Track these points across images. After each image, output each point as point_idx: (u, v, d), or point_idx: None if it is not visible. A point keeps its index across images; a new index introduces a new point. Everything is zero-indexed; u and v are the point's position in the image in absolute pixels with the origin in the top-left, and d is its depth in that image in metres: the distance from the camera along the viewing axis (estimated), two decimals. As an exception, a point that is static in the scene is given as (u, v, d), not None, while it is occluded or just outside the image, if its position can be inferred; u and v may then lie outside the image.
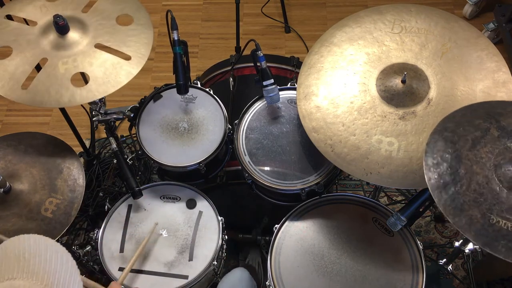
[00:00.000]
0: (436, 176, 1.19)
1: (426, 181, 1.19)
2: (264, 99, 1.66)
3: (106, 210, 1.65)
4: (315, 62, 1.55)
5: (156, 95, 1.74)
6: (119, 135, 1.79)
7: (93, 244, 1.63)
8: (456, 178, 1.18)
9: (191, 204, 1.65)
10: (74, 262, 0.86)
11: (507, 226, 1.12)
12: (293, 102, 1.69)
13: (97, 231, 1.61)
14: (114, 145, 1.64)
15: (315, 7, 2.97)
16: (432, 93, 1.43)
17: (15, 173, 1.57)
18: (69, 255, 0.85)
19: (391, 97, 1.44)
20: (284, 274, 1.46)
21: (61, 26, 1.49)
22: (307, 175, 1.57)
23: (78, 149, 2.21)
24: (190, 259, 1.55)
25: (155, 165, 1.70)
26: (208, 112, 1.70)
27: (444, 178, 1.18)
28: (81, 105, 2.10)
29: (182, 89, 1.57)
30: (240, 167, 1.61)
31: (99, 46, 1.52)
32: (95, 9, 1.59)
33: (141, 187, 1.58)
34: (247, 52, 1.66)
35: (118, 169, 1.86)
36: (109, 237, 1.60)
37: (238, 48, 2.37)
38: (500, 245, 1.12)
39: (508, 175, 1.16)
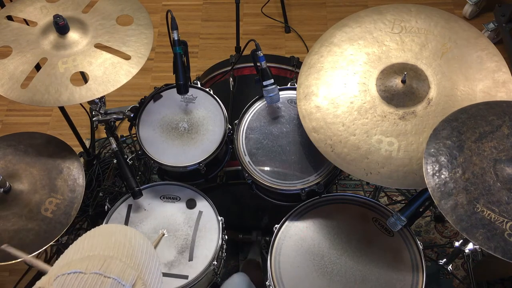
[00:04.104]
0: (433, 160, 1.21)
1: (423, 163, 1.22)
2: (264, 99, 1.66)
3: (106, 210, 1.65)
4: (315, 62, 1.55)
5: (156, 95, 1.74)
6: (119, 135, 1.79)
7: (93, 244, 1.62)
8: (452, 164, 1.21)
9: (191, 204, 1.65)
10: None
11: (491, 216, 1.14)
12: (293, 102, 1.69)
13: (97, 231, 1.60)
14: (114, 145, 1.64)
15: (315, 7, 2.97)
16: (432, 93, 1.43)
17: (15, 173, 1.57)
18: (160, 266, 0.90)
19: (391, 97, 1.44)
20: (284, 274, 1.46)
21: (61, 26, 1.49)
22: (307, 175, 1.57)
23: (78, 149, 2.21)
24: (190, 259, 1.55)
25: (155, 165, 1.70)
26: (208, 112, 1.70)
27: (440, 163, 1.21)
28: (81, 105, 2.12)
29: (182, 89, 1.57)
30: (240, 167, 1.61)
31: (99, 46, 1.52)
32: (95, 9, 1.60)
33: (141, 187, 1.58)
34: (247, 52, 1.66)
35: (118, 169, 1.85)
36: (109, 237, 1.60)
37: (238, 48, 2.37)
38: (478, 232, 1.13)
39: (506, 171, 1.18)
